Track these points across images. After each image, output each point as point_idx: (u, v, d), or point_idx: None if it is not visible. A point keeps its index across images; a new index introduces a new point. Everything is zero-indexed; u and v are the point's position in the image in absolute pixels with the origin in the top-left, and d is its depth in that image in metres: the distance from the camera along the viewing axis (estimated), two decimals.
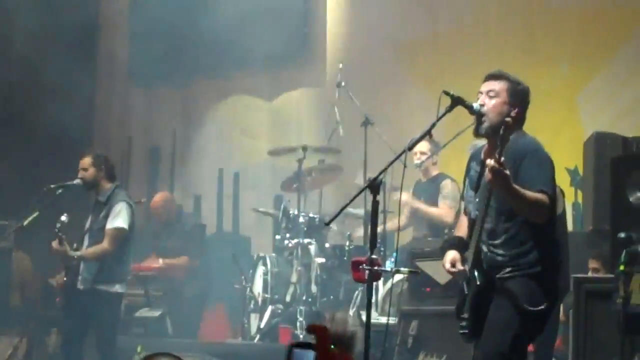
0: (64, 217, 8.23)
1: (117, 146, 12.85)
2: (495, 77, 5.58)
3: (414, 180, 9.51)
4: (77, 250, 8.50)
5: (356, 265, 5.58)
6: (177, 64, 12.31)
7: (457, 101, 5.47)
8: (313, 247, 9.13)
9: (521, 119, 5.59)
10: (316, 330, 1.93)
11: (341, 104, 9.48)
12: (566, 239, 7.14)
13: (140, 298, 10.07)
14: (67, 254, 8.36)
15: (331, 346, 2.01)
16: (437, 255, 6.08)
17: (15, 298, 10.36)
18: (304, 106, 11.74)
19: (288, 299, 9.10)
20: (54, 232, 8.27)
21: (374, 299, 7.78)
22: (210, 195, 12.46)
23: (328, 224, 6.27)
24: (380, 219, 8.00)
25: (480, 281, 5.41)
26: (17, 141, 11.12)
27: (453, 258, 5.59)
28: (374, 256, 5.39)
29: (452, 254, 5.62)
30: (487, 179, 5.27)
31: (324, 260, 9.07)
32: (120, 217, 8.45)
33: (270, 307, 9.19)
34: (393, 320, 7.87)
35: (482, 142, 5.74)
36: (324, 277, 9.05)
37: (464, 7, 10.91)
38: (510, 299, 5.36)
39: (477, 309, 5.48)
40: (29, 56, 11.11)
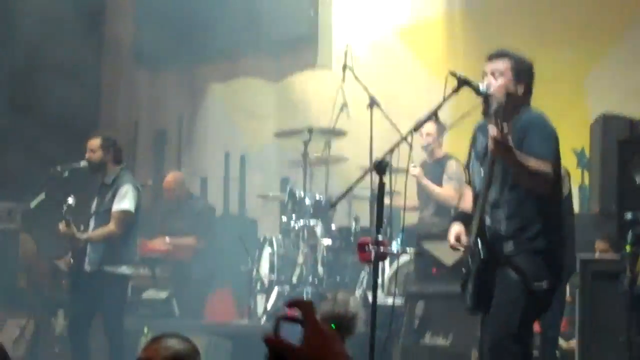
0: (70, 200, 8.25)
1: (124, 129, 12.83)
2: (498, 57, 5.57)
3: (419, 162, 9.50)
4: (84, 232, 8.52)
5: (362, 246, 5.59)
6: (183, 46, 12.28)
7: (463, 82, 5.47)
8: (319, 229, 9.12)
9: (527, 95, 5.59)
10: (300, 304, 1.93)
11: (347, 86, 9.46)
12: (572, 221, 7.15)
13: (147, 280, 10.08)
14: (74, 236, 8.39)
15: (332, 325, 2.02)
16: (443, 236, 6.07)
17: (22, 280, 10.38)
18: (310, 88, 11.72)
19: (294, 280, 9.11)
20: (61, 214, 8.29)
21: (380, 280, 7.82)
22: (217, 178, 12.45)
23: (334, 205, 6.27)
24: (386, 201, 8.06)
25: (484, 254, 5.41)
26: (23, 124, 11.11)
27: (457, 232, 5.59)
28: (380, 237, 5.41)
29: (456, 227, 5.62)
30: (490, 149, 5.28)
31: (330, 242, 9.07)
32: (126, 199, 8.47)
33: (276, 289, 9.19)
34: (399, 302, 7.87)
35: None
36: (330, 259, 9.05)
37: None
38: (515, 276, 5.36)
39: (481, 281, 5.48)
40: (35, 39, 11.08)
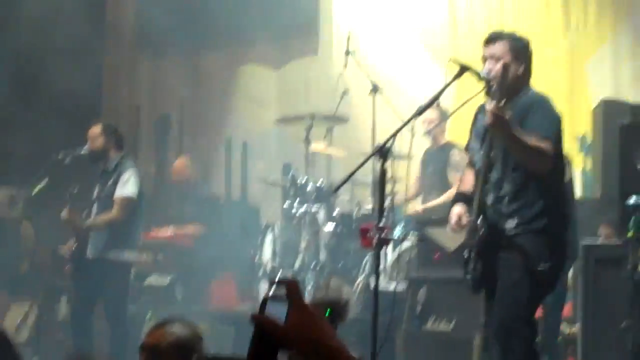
0: (73, 188, 8.25)
1: (126, 114, 12.83)
2: (495, 40, 5.56)
3: (422, 149, 9.50)
4: (87, 219, 8.52)
5: (364, 231, 5.59)
6: (186, 32, 12.26)
7: (464, 69, 5.46)
8: (321, 215, 9.12)
9: (528, 74, 5.58)
10: (285, 283, 1.94)
11: (349, 72, 9.45)
12: (574, 207, 7.14)
13: (150, 266, 10.09)
14: (76, 223, 8.39)
15: (326, 312, 2.03)
16: (445, 222, 6.07)
17: (24, 266, 10.40)
18: (312, 74, 11.71)
19: (297, 266, 9.11)
20: (64, 201, 8.29)
21: (382, 265, 7.82)
22: (219, 164, 12.45)
23: (336, 190, 6.26)
24: (388, 188, 8.05)
25: (485, 230, 5.41)
26: (25, 110, 11.10)
27: (459, 212, 5.58)
28: (382, 223, 5.41)
29: (458, 208, 5.61)
30: (486, 123, 5.27)
31: (332, 228, 9.07)
32: (129, 184, 8.46)
33: (279, 275, 9.20)
34: (401, 287, 7.88)
35: None
36: (332, 245, 9.04)
37: None
38: (519, 258, 5.36)
39: (483, 261, 5.47)
40: (36, 25, 11.06)
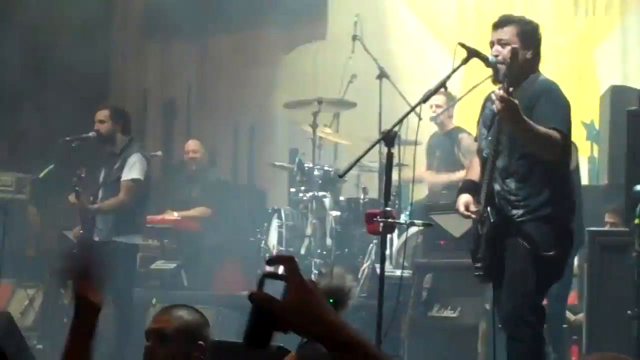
0: (80, 171, 8.24)
1: (133, 98, 12.83)
2: (503, 24, 5.53)
3: (428, 134, 9.48)
4: (93, 203, 8.52)
5: (370, 217, 5.58)
6: (194, 16, 12.24)
7: (472, 53, 5.44)
8: (328, 200, 9.10)
9: (536, 59, 5.56)
10: (282, 260, 1.93)
11: (357, 57, 9.43)
12: (580, 194, 7.11)
13: (156, 250, 10.09)
14: (84, 207, 8.39)
15: (330, 300, 2.02)
16: (452, 208, 6.06)
17: (31, 250, 10.40)
18: (320, 59, 11.68)
19: (303, 251, 9.10)
20: (70, 185, 8.29)
21: (388, 251, 7.81)
22: (226, 149, 12.45)
23: (342, 175, 6.25)
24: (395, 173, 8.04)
25: (494, 218, 5.39)
26: (33, 93, 11.10)
27: (466, 201, 5.57)
28: (388, 208, 5.40)
29: (465, 197, 5.59)
30: (496, 109, 5.24)
31: (338, 213, 9.06)
32: (135, 168, 8.46)
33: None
34: (407, 273, 7.87)
35: None
36: (338, 230, 9.04)
37: None
38: (526, 245, 5.35)
39: (491, 249, 5.46)
40: (45, 6, 11.05)
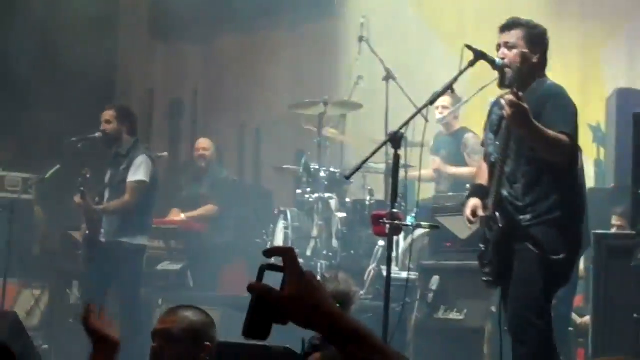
0: (85, 172, 8.25)
1: (139, 98, 12.84)
2: (511, 27, 5.54)
3: (432, 134, 9.46)
4: (99, 204, 8.53)
5: (376, 219, 5.58)
6: (201, 17, 12.25)
7: (479, 55, 5.44)
8: (334, 202, 9.09)
9: (543, 63, 5.55)
10: (281, 251, 1.94)
11: (363, 58, 9.42)
12: (585, 196, 7.09)
13: (162, 251, 10.09)
14: (89, 208, 8.39)
15: (337, 304, 2.03)
16: (458, 210, 6.06)
17: (36, 250, 10.42)
18: (326, 60, 11.68)
19: (309, 253, 9.09)
20: (76, 186, 8.29)
21: (394, 253, 7.79)
22: (232, 150, 12.45)
23: (348, 177, 6.23)
24: (401, 174, 8.02)
25: (502, 223, 5.38)
26: (40, 93, 11.12)
27: (474, 205, 5.56)
28: (394, 210, 5.39)
29: (473, 201, 5.59)
30: (505, 114, 5.23)
31: (344, 215, 9.05)
32: (141, 169, 8.47)
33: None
34: (413, 275, 7.87)
35: None
36: (344, 232, 9.03)
37: None
38: (533, 250, 5.34)
39: (500, 255, 5.45)
40: (51, 5, 11.06)
